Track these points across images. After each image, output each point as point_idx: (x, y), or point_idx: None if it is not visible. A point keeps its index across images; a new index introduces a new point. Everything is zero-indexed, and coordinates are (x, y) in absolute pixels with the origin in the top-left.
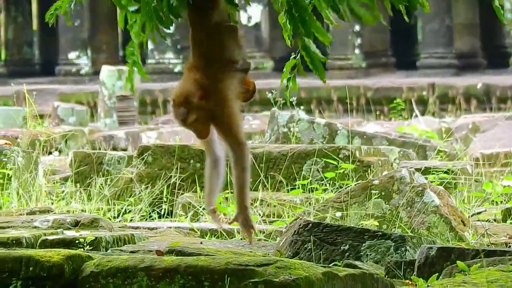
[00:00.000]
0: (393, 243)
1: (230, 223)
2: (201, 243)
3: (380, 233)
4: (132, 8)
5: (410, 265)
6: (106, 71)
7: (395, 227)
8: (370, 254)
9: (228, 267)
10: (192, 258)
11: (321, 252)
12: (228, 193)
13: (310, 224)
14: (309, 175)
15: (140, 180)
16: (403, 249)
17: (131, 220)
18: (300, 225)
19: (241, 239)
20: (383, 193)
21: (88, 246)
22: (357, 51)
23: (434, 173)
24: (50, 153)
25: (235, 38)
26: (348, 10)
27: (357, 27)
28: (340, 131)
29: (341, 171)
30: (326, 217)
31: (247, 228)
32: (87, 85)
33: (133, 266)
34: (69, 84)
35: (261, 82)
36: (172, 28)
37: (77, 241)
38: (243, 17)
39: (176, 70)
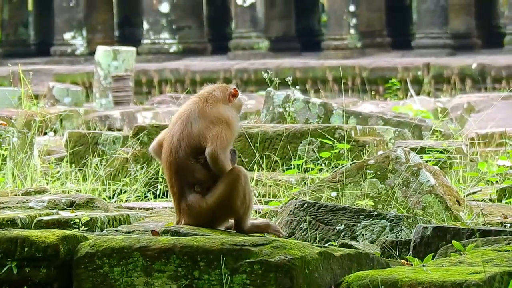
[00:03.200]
0: (389, 223)
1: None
2: None
3: (376, 213)
4: None
5: (406, 244)
6: (102, 51)
7: (390, 207)
8: (365, 234)
9: (223, 247)
10: (187, 238)
11: (317, 232)
12: None
13: (306, 204)
14: (305, 155)
15: (135, 160)
16: (398, 228)
17: (126, 200)
18: (295, 205)
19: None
20: (378, 173)
21: (83, 227)
22: (352, 31)
23: (429, 153)
24: (45, 133)
25: None
26: None
27: (352, 7)
28: (336, 111)
29: (337, 151)
30: (322, 197)
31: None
32: (82, 66)
33: (129, 247)
34: (65, 64)
35: (257, 62)
36: (167, 8)
37: (72, 222)
38: None
39: (171, 50)
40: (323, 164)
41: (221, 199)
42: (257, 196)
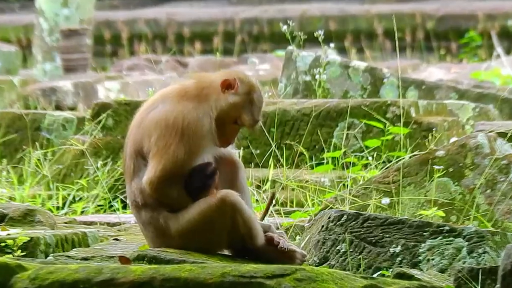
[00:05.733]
0: (466, 243)
1: None
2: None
3: (447, 228)
4: None
5: (491, 274)
6: None
7: (469, 219)
8: (432, 259)
9: (225, 280)
10: (172, 267)
11: (361, 256)
12: None
13: (345, 216)
14: (343, 144)
15: (95, 153)
16: (480, 250)
17: (82, 212)
18: (330, 217)
19: None
20: (451, 170)
21: (19, 251)
22: None
23: None
24: None
25: None
26: None
27: None
28: (388, 79)
29: (390, 137)
30: (368, 205)
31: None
32: (17, 15)
33: (86, 280)
34: None
35: (272, 9)
36: None
37: (3, 244)
38: None
39: None
40: (369, 157)
41: (194, 230)
42: (274, 205)
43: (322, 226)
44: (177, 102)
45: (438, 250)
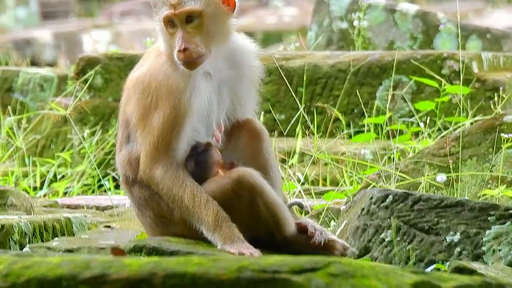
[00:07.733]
0: None
1: None
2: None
3: None
4: None
5: None
6: None
7: None
8: (499, 250)
9: (241, 276)
10: (176, 261)
11: (411, 246)
12: None
13: (391, 197)
14: (387, 107)
15: (81, 119)
16: None
17: (65, 193)
18: (372, 198)
19: None
20: None
21: None
22: None
23: None
24: None
25: None
26: None
27: None
28: (444, 26)
29: (446, 99)
30: (420, 183)
31: None
32: None
33: (71, 277)
34: None
35: None
36: None
37: None
38: None
39: None
40: (421, 124)
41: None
42: (303, 184)
43: (363, 209)
44: (153, 60)
45: (506, 239)
